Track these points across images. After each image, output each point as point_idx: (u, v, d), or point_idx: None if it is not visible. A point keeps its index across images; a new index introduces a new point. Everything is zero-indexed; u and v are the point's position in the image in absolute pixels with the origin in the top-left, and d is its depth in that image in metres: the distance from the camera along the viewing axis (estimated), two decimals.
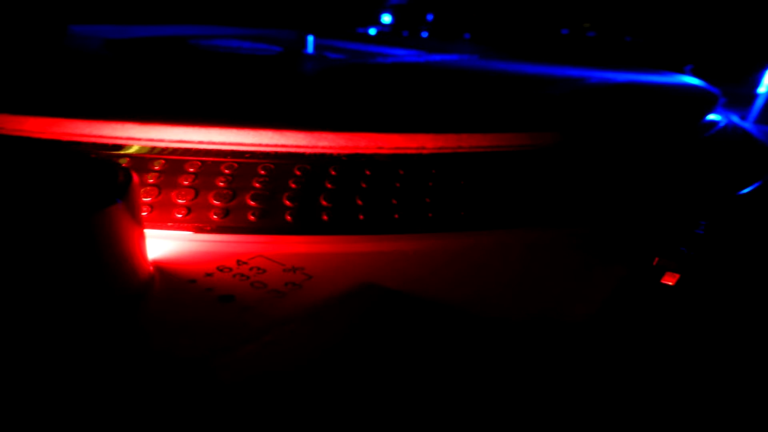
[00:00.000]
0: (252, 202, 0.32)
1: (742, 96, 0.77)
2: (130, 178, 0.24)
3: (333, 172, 0.34)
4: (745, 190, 0.45)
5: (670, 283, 0.29)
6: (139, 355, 0.21)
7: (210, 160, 0.33)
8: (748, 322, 0.27)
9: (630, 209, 0.39)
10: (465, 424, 0.20)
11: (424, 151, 0.36)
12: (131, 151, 0.33)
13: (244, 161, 0.33)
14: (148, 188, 0.32)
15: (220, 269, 0.28)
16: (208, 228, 0.31)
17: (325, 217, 0.32)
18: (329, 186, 0.33)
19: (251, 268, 0.28)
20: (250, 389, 0.20)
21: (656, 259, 0.31)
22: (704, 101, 0.58)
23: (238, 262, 0.29)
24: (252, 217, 0.31)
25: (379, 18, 1.58)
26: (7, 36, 0.58)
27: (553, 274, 0.30)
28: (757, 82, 0.75)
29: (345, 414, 0.19)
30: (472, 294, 0.27)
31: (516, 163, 0.37)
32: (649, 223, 0.37)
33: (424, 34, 1.58)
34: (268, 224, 0.31)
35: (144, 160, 0.33)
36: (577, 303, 0.27)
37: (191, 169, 0.33)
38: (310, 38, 0.79)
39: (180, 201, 0.31)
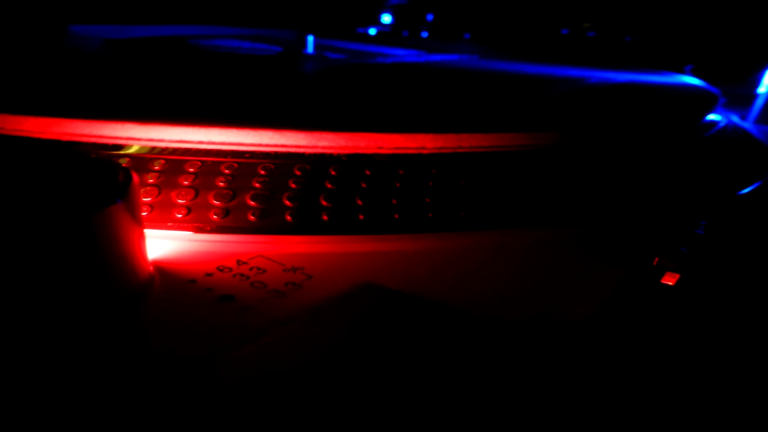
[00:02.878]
0: (252, 202, 0.32)
1: (742, 96, 0.77)
2: (130, 178, 0.24)
3: (333, 172, 0.34)
4: (745, 190, 0.45)
5: (670, 283, 0.29)
6: (139, 355, 0.21)
7: (210, 160, 0.33)
8: (748, 322, 0.27)
9: (630, 209, 0.39)
10: (465, 424, 0.20)
11: (424, 151, 0.36)
12: (131, 151, 0.33)
13: (244, 161, 0.33)
14: (148, 188, 0.32)
15: (220, 269, 0.28)
16: (208, 228, 0.31)
17: (325, 217, 0.32)
18: (329, 186, 0.33)
19: (251, 268, 0.28)
20: (250, 389, 0.20)
21: (656, 259, 0.31)
22: (704, 101, 0.58)
23: (238, 262, 0.29)
24: (252, 217, 0.31)
25: (379, 18, 1.58)
26: (7, 36, 0.58)
27: (553, 274, 0.30)
28: (757, 82, 0.75)
29: (345, 414, 0.19)
30: (472, 294, 0.27)
31: (516, 163, 0.37)
32: (649, 223, 0.37)
33: (424, 34, 1.58)
34: (268, 224, 0.31)
35: (144, 160, 0.33)
36: (577, 303, 0.27)
37: (191, 169, 0.33)
38: (310, 38, 0.79)
39: (180, 201, 0.31)
